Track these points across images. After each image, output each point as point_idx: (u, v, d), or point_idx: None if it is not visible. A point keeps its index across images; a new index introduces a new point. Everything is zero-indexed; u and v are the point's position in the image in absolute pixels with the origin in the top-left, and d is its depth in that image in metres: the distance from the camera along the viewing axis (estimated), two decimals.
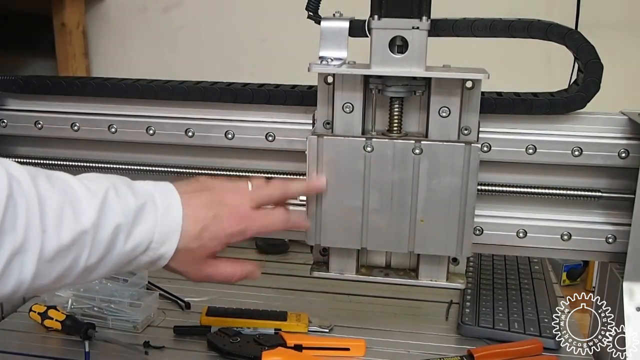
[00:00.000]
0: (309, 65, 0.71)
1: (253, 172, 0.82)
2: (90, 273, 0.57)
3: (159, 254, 0.61)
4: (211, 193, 0.65)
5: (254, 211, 0.66)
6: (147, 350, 0.81)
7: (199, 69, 1.52)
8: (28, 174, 0.53)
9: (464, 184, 0.71)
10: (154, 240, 0.60)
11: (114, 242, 0.57)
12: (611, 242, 0.77)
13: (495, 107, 0.77)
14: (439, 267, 0.77)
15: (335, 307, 0.95)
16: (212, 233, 0.63)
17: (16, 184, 0.51)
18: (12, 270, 0.50)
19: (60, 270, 0.54)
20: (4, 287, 0.51)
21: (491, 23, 0.74)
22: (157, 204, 0.60)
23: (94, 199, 0.56)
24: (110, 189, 0.58)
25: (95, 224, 0.55)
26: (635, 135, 0.75)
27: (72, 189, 0.56)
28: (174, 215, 0.61)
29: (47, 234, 0.52)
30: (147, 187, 0.62)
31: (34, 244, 0.51)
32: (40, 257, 0.52)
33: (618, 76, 0.95)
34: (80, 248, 0.54)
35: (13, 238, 0.50)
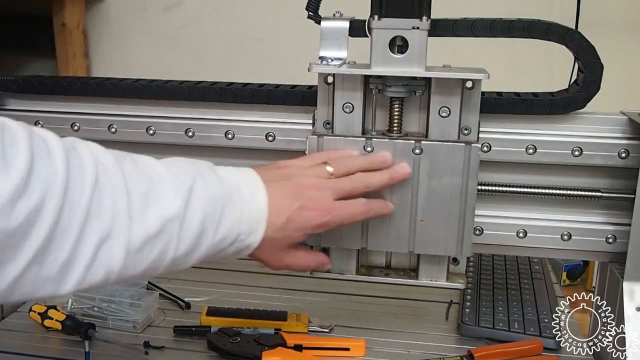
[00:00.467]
0: (309, 65, 0.71)
1: None
2: (179, 265, 0.56)
3: (246, 244, 0.60)
4: (294, 183, 0.64)
5: (337, 202, 0.65)
6: (147, 350, 0.81)
7: (199, 69, 1.53)
8: (114, 159, 0.53)
9: (464, 184, 0.71)
10: (241, 232, 0.59)
11: (204, 233, 0.56)
12: (611, 242, 0.77)
13: (495, 107, 0.77)
14: (439, 267, 0.77)
15: (335, 307, 0.95)
16: (298, 224, 0.63)
17: (102, 169, 0.51)
18: (101, 258, 0.50)
19: (149, 261, 0.53)
20: (94, 276, 0.50)
21: (491, 23, 0.74)
22: (242, 194, 0.60)
23: (181, 186, 0.55)
24: (197, 176, 0.57)
25: (182, 211, 0.54)
26: (635, 135, 0.75)
27: (158, 175, 0.55)
28: (260, 205, 0.61)
29: (134, 220, 0.51)
30: (231, 174, 0.61)
31: (122, 230, 0.50)
32: (129, 245, 0.51)
33: (618, 76, 0.96)
34: (168, 237, 0.53)
35: (101, 225, 0.49)
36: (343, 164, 0.68)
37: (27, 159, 0.46)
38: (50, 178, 0.47)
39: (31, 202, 0.45)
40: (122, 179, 0.52)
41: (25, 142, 0.47)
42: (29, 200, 0.45)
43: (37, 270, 0.47)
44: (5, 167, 0.45)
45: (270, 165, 0.68)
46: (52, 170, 0.47)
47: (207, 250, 0.58)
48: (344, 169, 0.68)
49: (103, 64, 1.60)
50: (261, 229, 0.61)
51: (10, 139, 0.46)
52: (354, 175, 0.68)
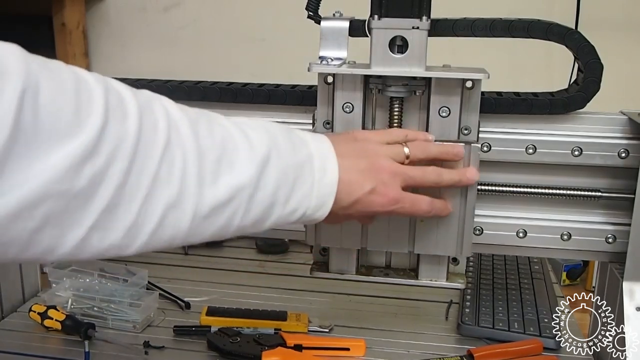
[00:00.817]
0: (309, 65, 0.71)
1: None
2: (244, 231, 0.55)
3: (313, 217, 0.59)
4: (370, 162, 0.62)
5: (405, 194, 0.64)
6: (147, 350, 0.81)
7: (199, 69, 1.52)
8: (189, 121, 0.51)
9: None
10: (310, 206, 0.58)
11: (273, 205, 0.55)
12: (611, 242, 0.77)
13: (495, 107, 0.77)
14: (439, 267, 0.77)
15: (335, 307, 0.95)
16: (363, 206, 0.62)
17: (175, 132, 0.49)
18: (167, 224, 0.49)
19: (215, 228, 0.52)
20: (159, 239, 0.49)
21: (491, 23, 0.74)
22: (315, 166, 0.58)
23: (255, 155, 0.54)
24: (273, 146, 0.55)
25: (254, 181, 0.53)
26: (635, 135, 0.75)
27: (233, 140, 0.53)
28: (331, 180, 0.59)
29: (203, 187, 0.50)
30: (306, 143, 0.60)
31: (190, 197, 0.49)
32: (196, 213, 0.50)
33: (618, 76, 0.95)
34: (237, 205, 0.52)
35: (169, 191, 0.48)
36: (421, 148, 0.67)
37: (100, 119, 0.44)
38: (121, 140, 0.45)
39: (97, 164, 0.44)
40: (195, 143, 0.50)
41: (101, 100, 0.45)
42: (95, 162, 0.44)
43: (102, 234, 0.46)
44: (78, 127, 0.43)
45: (347, 135, 0.66)
46: (124, 132, 0.45)
47: (275, 221, 0.56)
48: (421, 154, 0.66)
49: (103, 64, 1.60)
50: (329, 204, 0.59)
51: (86, 95, 0.44)
52: (427, 168, 0.66)
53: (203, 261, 1.11)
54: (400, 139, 0.67)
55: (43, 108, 0.41)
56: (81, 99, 0.44)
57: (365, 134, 0.67)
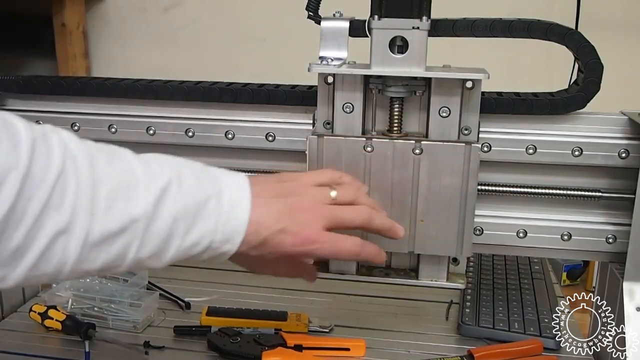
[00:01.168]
0: (309, 65, 0.71)
1: (253, 172, 0.82)
2: (144, 264, 0.54)
3: (220, 252, 0.57)
4: (287, 202, 0.60)
5: (324, 233, 0.60)
6: (147, 350, 0.81)
7: (199, 69, 1.52)
8: (87, 152, 0.51)
9: (464, 184, 0.71)
10: (215, 240, 0.56)
11: (171, 237, 0.54)
12: (611, 242, 0.77)
13: (495, 107, 0.77)
14: (439, 267, 0.77)
15: (335, 307, 0.95)
16: (272, 247, 0.59)
17: (71, 161, 0.49)
18: (55, 250, 0.48)
19: (107, 258, 0.51)
20: (45, 266, 0.49)
21: (491, 23, 0.74)
22: (222, 201, 0.56)
23: (153, 186, 0.53)
24: (175, 178, 0.54)
25: (149, 213, 0.52)
26: (635, 135, 0.75)
27: (132, 171, 0.53)
28: (239, 215, 0.57)
29: (95, 217, 0.49)
30: (218, 178, 0.58)
31: (80, 226, 0.49)
32: (86, 241, 0.49)
33: (618, 76, 0.95)
34: (130, 237, 0.51)
35: (58, 217, 0.48)
36: (349, 191, 0.64)
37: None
38: (9, 166, 0.45)
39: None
40: (90, 173, 0.50)
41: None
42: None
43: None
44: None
45: (273, 176, 0.65)
46: (13, 160, 0.46)
47: (176, 254, 0.55)
48: (349, 197, 0.64)
49: (103, 64, 1.60)
50: (237, 240, 0.57)
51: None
52: (357, 207, 0.64)
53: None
54: (329, 180, 0.65)
55: None
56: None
57: (293, 176, 0.65)
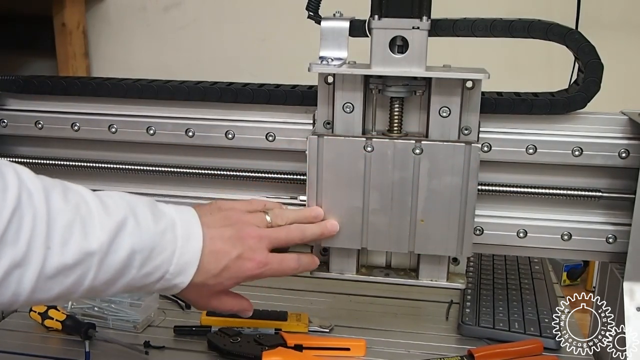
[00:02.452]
0: (309, 65, 0.71)
1: (253, 172, 0.82)
2: (97, 292, 0.56)
3: (173, 284, 0.60)
4: (236, 229, 0.64)
5: (271, 255, 0.66)
6: (148, 350, 0.81)
7: (199, 69, 1.52)
8: (42, 187, 0.52)
9: (464, 184, 0.71)
10: (169, 271, 0.59)
11: (127, 268, 0.56)
12: (611, 242, 0.77)
13: (495, 107, 0.77)
14: (439, 267, 0.77)
15: (336, 307, 0.95)
16: (232, 273, 0.63)
17: (26, 195, 0.50)
18: (9, 283, 0.49)
19: (62, 288, 0.53)
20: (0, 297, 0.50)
21: (491, 23, 0.74)
22: (176, 234, 0.59)
23: (109, 221, 0.55)
24: (130, 213, 0.56)
25: (105, 247, 0.54)
26: (635, 135, 0.75)
27: (87, 206, 0.54)
28: (194, 247, 0.60)
29: (51, 250, 0.51)
30: (169, 212, 0.61)
31: (36, 259, 0.50)
32: (41, 274, 0.50)
33: (618, 76, 0.95)
34: (85, 269, 0.53)
35: (14, 251, 0.49)
36: (280, 215, 0.70)
37: None
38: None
39: None
40: (46, 207, 0.51)
41: None
42: None
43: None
44: None
45: (211, 206, 0.68)
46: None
47: (130, 284, 0.57)
48: (281, 220, 0.69)
49: (103, 64, 1.60)
50: (191, 271, 0.60)
51: None
52: (290, 226, 0.69)
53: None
54: (260, 208, 0.70)
55: None
56: None
57: (228, 204, 0.69)
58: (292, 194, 0.83)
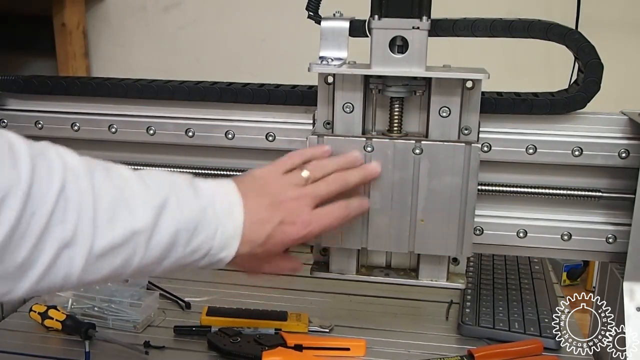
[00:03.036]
0: (309, 65, 0.71)
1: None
2: (147, 272, 0.57)
3: (218, 258, 0.60)
4: (272, 195, 0.63)
5: (315, 212, 0.65)
6: (147, 350, 0.81)
7: (199, 69, 1.52)
8: (85, 166, 0.52)
9: (464, 184, 0.71)
10: (213, 247, 0.59)
11: (173, 247, 0.56)
12: (611, 242, 0.77)
13: (495, 107, 0.77)
14: (439, 267, 0.77)
15: (336, 307, 0.95)
16: (278, 239, 0.63)
17: (71, 175, 0.50)
18: (61, 263, 0.49)
19: (111, 269, 0.53)
20: (53, 277, 0.50)
21: (491, 23, 0.74)
22: (217, 209, 0.59)
23: (152, 200, 0.55)
24: (172, 191, 0.57)
25: (150, 225, 0.54)
26: (635, 135, 0.75)
27: (129, 186, 0.54)
28: (236, 221, 0.60)
29: (98, 229, 0.51)
30: (208, 188, 0.61)
31: (84, 239, 0.50)
32: (90, 253, 0.50)
33: (618, 76, 0.95)
34: (132, 248, 0.53)
35: (62, 231, 0.49)
36: (318, 167, 0.68)
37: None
38: (12, 185, 0.46)
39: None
40: (91, 187, 0.51)
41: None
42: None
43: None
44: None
45: (246, 176, 0.67)
46: (14, 177, 0.47)
47: (176, 262, 0.57)
48: (319, 172, 0.67)
49: (103, 64, 1.60)
50: (235, 244, 0.60)
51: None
52: (329, 178, 0.67)
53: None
54: (296, 163, 0.68)
55: None
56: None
57: (263, 171, 0.67)
58: None
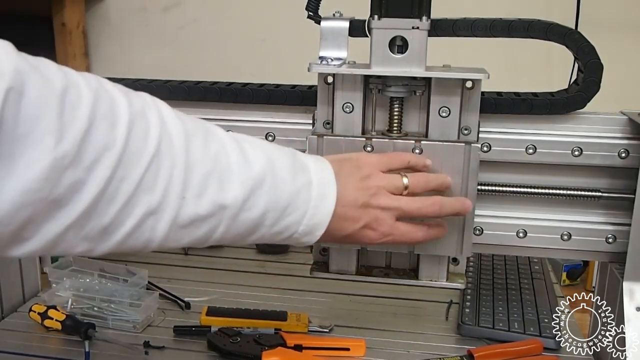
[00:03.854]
0: (309, 65, 0.71)
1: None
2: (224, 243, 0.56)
3: (301, 242, 0.60)
4: (368, 196, 0.62)
5: (397, 225, 0.64)
6: (147, 350, 0.81)
7: (199, 69, 1.52)
8: (184, 131, 0.51)
9: (464, 184, 0.71)
10: (297, 231, 0.58)
11: (258, 227, 0.55)
12: (611, 242, 0.77)
13: (495, 107, 0.77)
14: (439, 267, 0.77)
15: (335, 307, 0.95)
16: (355, 239, 0.64)
17: (167, 142, 0.49)
18: (144, 229, 0.49)
19: (192, 238, 0.52)
20: (134, 242, 0.49)
21: (491, 23, 0.74)
22: (312, 194, 0.58)
23: (248, 177, 0.54)
24: (268, 169, 0.55)
25: (240, 203, 0.53)
26: (635, 135, 0.75)
27: (227, 157, 0.53)
28: (325, 209, 0.59)
29: (185, 200, 0.50)
30: (306, 168, 0.59)
31: (170, 208, 0.49)
32: (174, 223, 0.50)
33: (618, 76, 0.95)
34: (217, 221, 0.52)
35: (150, 198, 0.48)
36: (422, 182, 0.66)
37: (83, 126, 0.43)
38: (105, 148, 0.45)
39: (78, 172, 0.44)
40: (185, 155, 0.50)
41: (88, 106, 0.44)
42: (76, 170, 0.43)
43: (76, 231, 0.46)
44: (60, 133, 0.42)
45: (350, 161, 0.65)
46: (110, 140, 0.45)
47: (258, 239, 0.57)
48: (420, 187, 0.66)
49: (103, 64, 1.60)
50: (319, 233, 0.59)
51: (72, 99, 0.44)
52: (427, 199, 0.66)
53: (203, 261, 1.11)
54: (401, 166, 0.67)
55: (25, 110, 0.41)
56: (66, 104, 0.43)
57: (368, 160, 0.66)
58: None
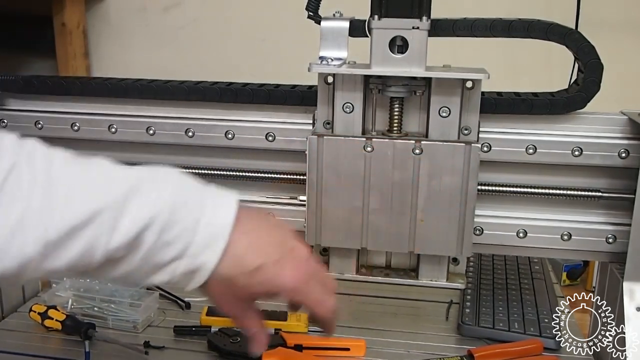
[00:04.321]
0: (309, 65, 0.71)
1: (253, 172, 0.82)
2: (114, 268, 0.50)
3: (200, 261, 0.50)
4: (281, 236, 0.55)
5: (313, 282, 0.55)
6: (147, 350, 0.81)
7: (199, 69, 1.52)
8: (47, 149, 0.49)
9: (464, 184, 0.71)
10: (193, 242, 0.50)
11: (142, 235, 0.48)
12: (611, 242, 0.77)
13: (495, 107, 0.77)
14: (439, 267, 0.77)
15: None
16: (266, 277, 0.52)
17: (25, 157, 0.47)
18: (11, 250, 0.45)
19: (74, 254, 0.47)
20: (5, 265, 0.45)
21: (491, 23, 0.74)
22: (205, 202, 0.51)
23: (125, 180, 0.49)
24: (147, 177, 0.50)
25: (118, 204, 0.47)
26: (635, 135, 0.75)
27: (100, 168, 0.50)
28: (223, 216, 0.51)
29: (55, 212, 0.46)
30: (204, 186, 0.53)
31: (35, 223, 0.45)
32: (45, 238, 0.45)
33: (618, 76, 0.95)
34: (97, 228, 0.47)
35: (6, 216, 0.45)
36: None
37: None
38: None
39: None
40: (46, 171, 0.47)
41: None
42: None
43: None
44: None
45: None
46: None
47: (147, 256, 0.49)
48: None
49: (103, 64, 1.60)
50: (220, 244, 0.50)
51: None
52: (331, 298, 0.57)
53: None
54: None
55: None
56: None
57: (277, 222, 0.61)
58: (292, 194, 0.83)
